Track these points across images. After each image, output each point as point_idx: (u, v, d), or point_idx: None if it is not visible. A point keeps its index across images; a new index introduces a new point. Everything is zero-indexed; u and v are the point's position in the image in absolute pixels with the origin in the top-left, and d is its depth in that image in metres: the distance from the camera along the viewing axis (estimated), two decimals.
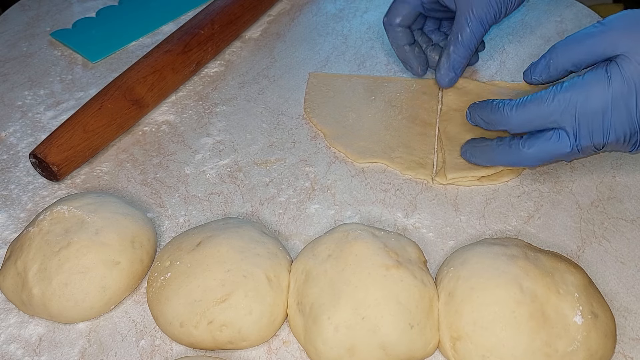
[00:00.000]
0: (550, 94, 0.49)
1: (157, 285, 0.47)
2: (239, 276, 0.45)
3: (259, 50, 0.75)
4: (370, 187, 0.58)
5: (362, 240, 0.46)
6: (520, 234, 0.53)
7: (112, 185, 0.60)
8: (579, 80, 0.48)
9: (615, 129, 0.48)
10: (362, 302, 0.43)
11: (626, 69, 0.46)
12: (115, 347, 0.47)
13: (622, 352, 0.44)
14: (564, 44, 0.51)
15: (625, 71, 0.46)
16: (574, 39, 0.50)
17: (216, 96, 0.69)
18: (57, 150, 0.58)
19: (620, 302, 0.47)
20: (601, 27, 0.49)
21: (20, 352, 0.47)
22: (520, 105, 0.50)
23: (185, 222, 0.56)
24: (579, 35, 0.50)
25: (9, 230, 0.56)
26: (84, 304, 0.47)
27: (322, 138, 0.63)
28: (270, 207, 0.57)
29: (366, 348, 0.42)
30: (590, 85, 0.47)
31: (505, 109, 0.51)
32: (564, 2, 0.78)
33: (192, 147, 0.63)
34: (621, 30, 0.48)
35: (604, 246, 0.51)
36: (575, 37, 0.50)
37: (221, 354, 0.46)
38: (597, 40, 0.48)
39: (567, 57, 0.50)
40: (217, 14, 0.72)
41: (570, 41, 0.51)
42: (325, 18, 0.80)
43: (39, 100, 0.70)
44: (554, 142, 0.49)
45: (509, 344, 0.41)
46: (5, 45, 0.79)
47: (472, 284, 0.43)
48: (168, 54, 0.67)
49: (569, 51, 0.50)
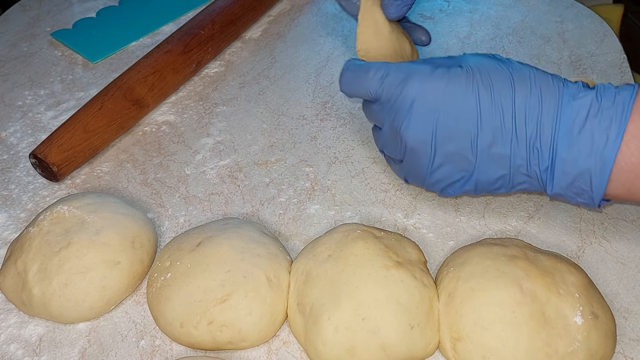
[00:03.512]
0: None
1: (157, 285, 0.47)
2: (239, 276, 0.45)
3: (259, 51, 0.75)
4: (370, 188, 0.58)
5: (362, 241, 0.46)
6: (520, 234, 0.53)
7: (112, 185, 0.60)
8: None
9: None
10: (362, 302, 0.43)
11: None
12: (116, 347, 0.47)
13: (623, 352, 0.44)
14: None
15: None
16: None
17: (216, 96, 0.69)
18: (58, 151, 0.58)
19: (620, 302, 0.47)
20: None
21: (20, 352, 0.47)
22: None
23: (185, 223, 0.56)
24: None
25: (9, 230, 0.56)
26: (84, 304, 0.47)
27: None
28: (270, 208, 0.57)
29: (366, 349, 0.42)
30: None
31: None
32: (564, 3, 0.78)
33: (193, 148, 0.63)
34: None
35: (604, 246, 0.51)
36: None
37: (221, 355, 0.46)
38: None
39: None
40: (217, 14, 0.72)
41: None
42: (326, 18, 0.80)
43: (40, 100, 0.70)
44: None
45: (509, 344, 0.41)
46: (6, 45, 0.79)
47: (472, 285, 0.43)
48: (168, 54, 0.67)
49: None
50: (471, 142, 0.46)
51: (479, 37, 0.74)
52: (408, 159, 0.49)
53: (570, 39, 0.72)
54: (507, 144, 0.45)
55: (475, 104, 0.45)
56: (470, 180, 0.47)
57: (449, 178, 0.48)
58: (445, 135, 0.46)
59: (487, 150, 0.45)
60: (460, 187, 0.48)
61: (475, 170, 0.47)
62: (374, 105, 0.50)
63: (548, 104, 0.44)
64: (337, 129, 0.64)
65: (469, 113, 0.45)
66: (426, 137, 0.46)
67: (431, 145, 0.46)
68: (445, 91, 0.45)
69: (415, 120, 0.46)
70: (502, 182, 0.47)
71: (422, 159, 0.47)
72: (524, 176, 0.46)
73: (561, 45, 0.72)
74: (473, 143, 0.45)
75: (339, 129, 0.64)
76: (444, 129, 0.46)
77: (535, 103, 0.44)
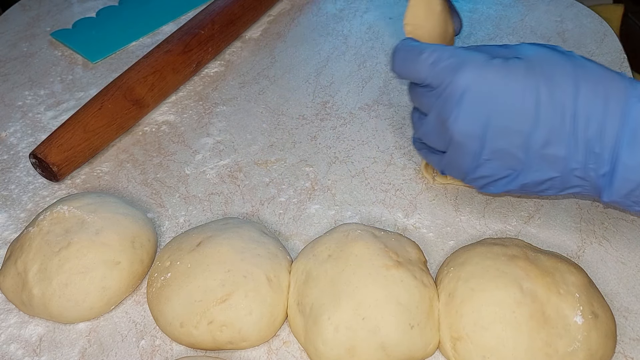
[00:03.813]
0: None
1: (157, 285, 0.47)
2: (239, 276, 0.45)
3: (259, 51, 0.75)
4: (370, 187, 0.58)
5: (362, 241, 0.46)
6: (520, 234, 0.53)
7: (112, 185, 0.60)
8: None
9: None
10: (362, 302, 0.43)
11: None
12: (116, 347, 0.47)
13: (623, 352, 0.44)
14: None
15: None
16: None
17: (216, 96, 0.69)
18: (57, 151, 0.58)
19: (620, 302, 0.47)
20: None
21: (20, 352, 0.47)
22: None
23: (185, 222, 0.56)
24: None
25: (9, 230, 0.56)
26: (84, 304, 0.47)
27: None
28: (270, 207, 0.57)
29: (366, 348, 0.42)
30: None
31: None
32: (564, 2, 0.78)
33: (193, 147, 0.63)
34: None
35: (604, 246, 0.51)
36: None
37: (221, 354, 0.46)
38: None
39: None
40: (217, 14, 0.72)
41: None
42: (326, 18, 0.80)
43: (39, 100, 0.70)
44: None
45: (509, 344, 0.41)
46: (6, 45, 0.79)
47: (473, 285, 0.43)
48: (168, 54, 0.67)
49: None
50: (524, 140, 0.43)
51: (479, 36, 0.74)
52: (452, 151, 0.46)
53: (570, 39, 0.72)
54: (563, 146, 0.42)
55: (534, 100, 0.42)
56: (517, 179, 0.45)
57: (494, 175, 0.45)
58: (496, 131, 0.43)
59: (540, 150, 0.42)
60: (504, 185, 0.46)
61: (524, 170, 0.44)
62: (421, 89, 0.47)
63: (614, 105, 0.41)
64: (337, 129, 0.64)
65: (526, 110, 0.42)
66: (475, 131, 0.43)
67: (479, 140, 0.44)
68: (501, 84, 0.42)
69: (465, 112, 0.43)
70: (550, 184, 0.44)
71: (468, 154, 0.45)
72: (577, 180, 0.43)
73: (561, 44, 0.71)
74: (525, 141, 0.43)
75: (339, 129, 0.64)
76: (496, 124, 0.43)
77: (600, 103, 0.41)
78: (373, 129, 0.64)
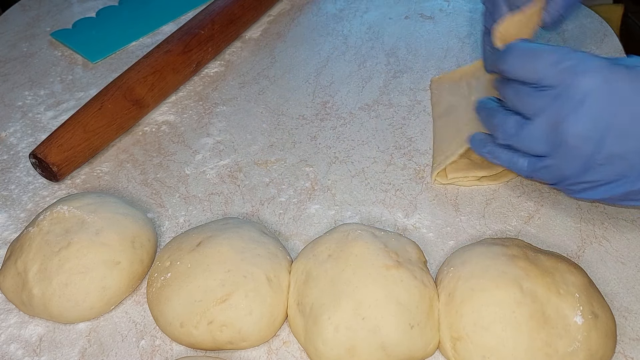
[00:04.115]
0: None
1: (157, 285, 0.47)
2: (239, 276, 0.45)
3: (259, 51, 0.75)
4: (370, 188, 0.58)
5: (362, 241, 0.46)
6: (520, 234, 0.53)
7: (112, 185, 0.60)
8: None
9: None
10: (363, 302, 0.43)
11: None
12: (116, 347, 0.47)
13: (623, 352, 0.44)
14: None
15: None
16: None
17: (216, 96, 0.69)
18: (57, 151, 0.58)
19: (620, 302, 0.47)
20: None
21: (20, 352, 0.47)
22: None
23: (185, 222, 0.56)
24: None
25: (9, 230, 0.56)
26: (84, 304, 0.47)
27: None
28: (270, 207, 0.57)
29: (366, 348, 0.42)
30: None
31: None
32: None
33: (192, 147, 0.63)
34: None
35: (604, 246, 0.51)
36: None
37: (221, 354, 0.46)
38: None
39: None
40: (217, 14, 0.72)
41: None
42: (326, 18, 0.80)
43: (39, 100, 0.70)
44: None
45: (509, 344, 0.41)
46: (6, 45, 0.79)
47: (473, 285, 0.43)
48: (168, 54, 0.67)
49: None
50: None
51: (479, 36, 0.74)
52: (560, 155, 0.44)
53: (570, 39, 0.72)
54: None
55: None
56: (624, 185, 0.44)
57: (600, 180, 0.44)
58: (616, 135, 0.42)
59: None
60: (607, 191, 0.45)
61: (632, 177, 0.43)
62: (531, 89, 0.45)
63: None
64: (337, 129, 0.64)
65: None
66: (593, 135, 0.42)
67: (595, 144, 0.42)
68: (628, 89, 0.42)
69: (586, 115, 0.42)
70: None
71: (579, 157, 0.43)
72: None
73: (561, 44, 0.72)
74: None
75: (339, 129, 0.64)
76: (616, 129, 0.42)
77: None
78: (373, 129, 0.64)
